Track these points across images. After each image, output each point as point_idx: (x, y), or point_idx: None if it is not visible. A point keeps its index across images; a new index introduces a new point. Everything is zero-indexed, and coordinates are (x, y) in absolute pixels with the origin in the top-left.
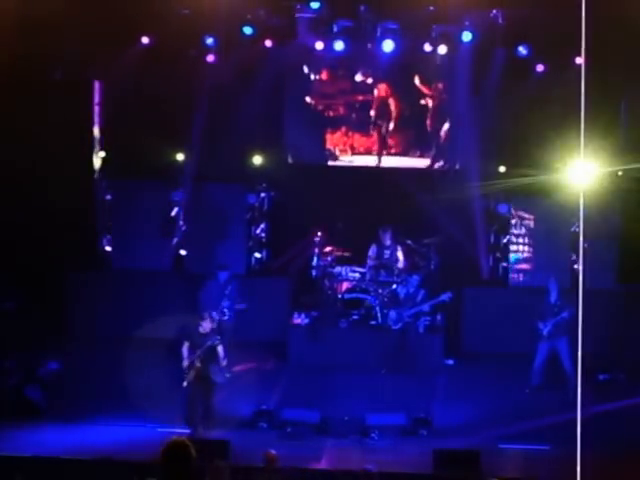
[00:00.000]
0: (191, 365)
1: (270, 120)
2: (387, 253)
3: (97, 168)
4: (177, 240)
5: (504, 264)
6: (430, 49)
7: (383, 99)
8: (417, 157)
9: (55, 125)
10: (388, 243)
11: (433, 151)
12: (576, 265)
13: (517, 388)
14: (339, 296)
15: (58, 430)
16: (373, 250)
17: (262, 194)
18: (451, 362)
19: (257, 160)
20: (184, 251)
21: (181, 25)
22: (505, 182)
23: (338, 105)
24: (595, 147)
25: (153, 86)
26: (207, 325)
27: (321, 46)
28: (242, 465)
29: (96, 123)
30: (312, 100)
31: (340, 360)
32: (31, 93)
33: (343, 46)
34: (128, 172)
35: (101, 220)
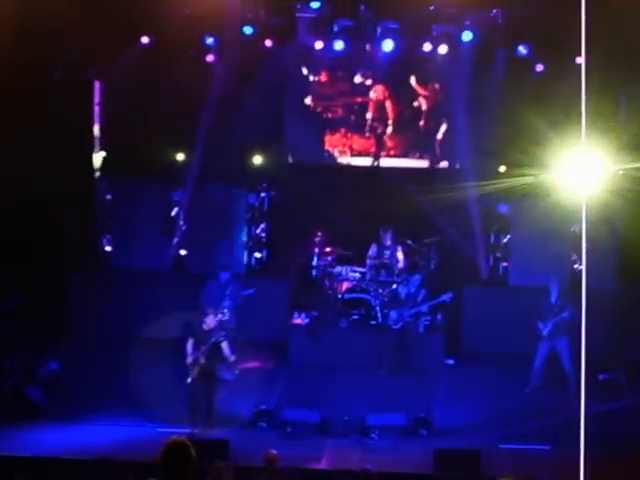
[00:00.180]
0: (195, 362)
1: (270, 120)
2: (387, 253)
3: (97, 168)
4: (177, 240)
5: (504, 264)
6: (430, 49)
7: (381, 101)
8: (417, 159)
9: (55, 125)
10: (388, 243)
11: (433, 151)
12: (576, 265)
13: (517, 388)
14: (339, 296)
15: (58, 430)
16: (373, 250)
17: (262, 194)
18: (451, 362)
19: (257, 160)
20: (184, 251)
21: (181, 25)
22: (505, 182)
23: (337, 107)
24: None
25: (153, 86)
26: (211, 321)
27: (321, 46)
28: (242, 465)
29: (96, 123)
30: (311, 102)
31: (340, 360)
32: (31, 93)
33: (343, 46)
34: (128, 172)
35: (101, 220)
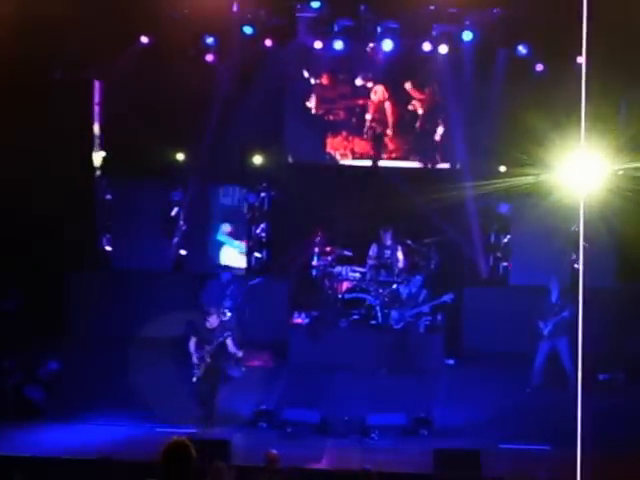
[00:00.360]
0: (201, 360)
1: (270, 120)
2: (388, 253)
3: (97, 168)
4: (177, 240)
5: (504, 264)
6: (430, 49)
7: (381, 102)
8: (417, 161)
9: (55, 125)
10: (389, 243)
11: (433, 153)
12: (576, 264)
13: (517, 388)
14: (339, 296)
15: (58, 430)
16: (374, 250)
17: (262, 194)
18: (451, 362)
19: (257, 160)
20: (184, 251)
21: (181, 25)
22: (505, 182)
23: (339, 109)
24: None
25: (153, 86)
26: (214, 320)
27: (321, 46)
28: (242, 465)
29: (96, 123)
30: (312, 104)
31: (340, 360)
32: (31, 93)
33: (343, 45)
34: (128, 172)
35: (101, 220)
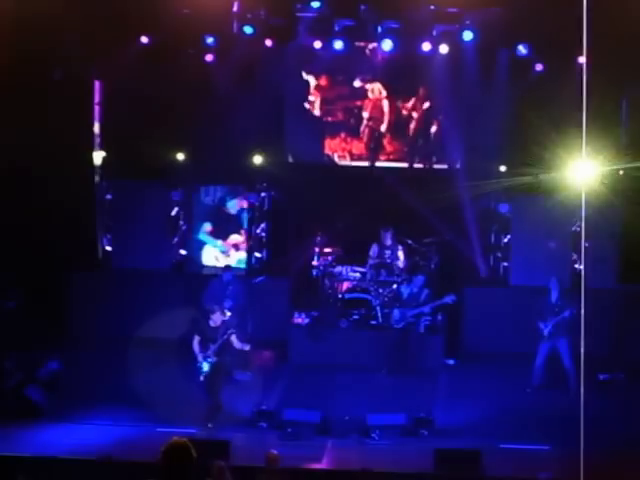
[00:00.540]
0: (206, 359)
1: (270, 120)
2: (388, 253)
3: (97, 168)
4: (177, 240)
5: (504, 264)
6: (431, 49)
7: (378, 100)
8: (417, 162)
9: (55, 125)
10: (389, 243)
11: (432, 152)
12: (577, 264)
13: (517, 388)
14: (339, 296)
15: (58, 430)
16: (374, 250)
17: (262, 194)
18: (452, 362)
19: (257, 160)
20: (184, 251)
21: (181, 25)
22: (505, 182)
23: (337, 111)
24: (596, 146)
25: (153, 86)
26: (218, 318)
27: (321, 45)
28: (242, 465)
29: (96, 123)
30: (311, 106)
31: (341, 360)
32: (32, 93)
33: (342, 45)
34: (128, 172)
35: (101, 220)
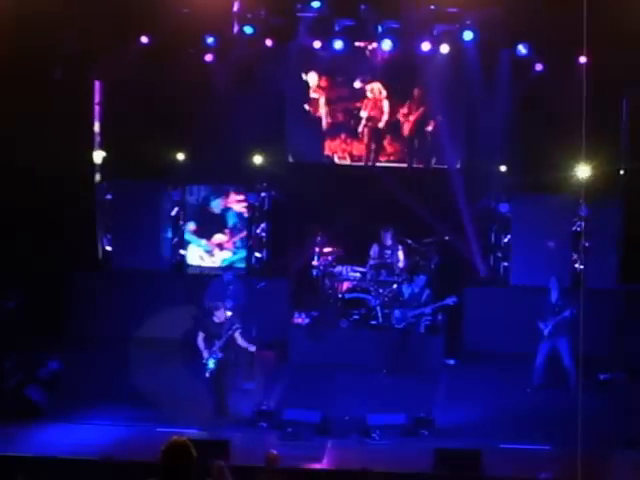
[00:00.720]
0: (212, 356)
1: (270, 119)
2: (388, 253)
3: (97, 168)
4: (177, 240)
5: (505, 264)
6: (431, 48)
7: (378, 100)
8: (416, 162)
9: (55, 125)
10: (389, 243)
11: (432, 152)
12: (577, 265)
13: (518, 388)
14: (340, 296)
15: (58, 430)
16: (374, 250)
17: (262, 194)
18: (452, 362)
19: (257, 160)
20: (184, 251)
21: (181, 25)
22: (505, 182)
23: (337, 112)
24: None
25: (153, 86)
26: (221, 314)
27: (321, 45)
28: (242, 465)
29: (96, 123)
30: (311, 107)
31: (341, 360)
32: (31, 93)
33: (342, 45)
34: (128, 172)
35: (101, 220)
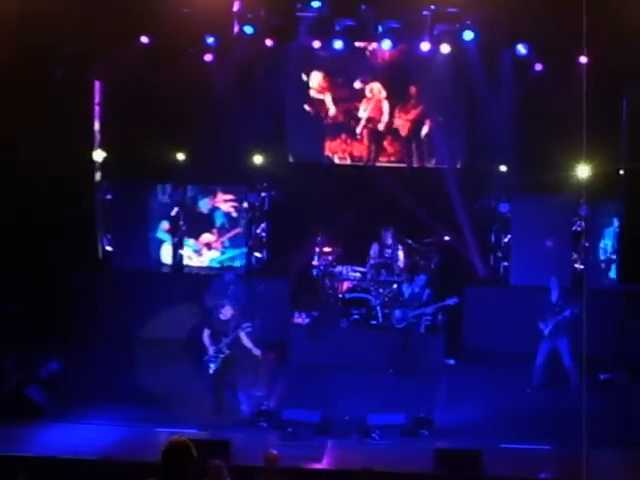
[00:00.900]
0: (218, 353)
1: (270, 119)
2: (388, 252)
3: (97, 168)
4: (177, 240)
5: (504, 264)
6: (431, 48)
7: (377, 100)
8: (416, 163)
9: (56, 125)
10: (389, 242)
11: (432, 152)
12: (577, 264)
13: (518, 388)
14: (340, 296)
15: (59, 430)
16: (374, 249)
17: (263, 194)
18: (452, 362)
19: (258, 160)
20: (184, 251)
21: (181, 25)
22: (505, 182)
23: (337, 112)
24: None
25: (153, 86)
26: (228, 312)
27: (321, 45)
28: (242, 465)
29: (96, 123)
30: (310, 108)
31: (341, 360)
32: (32, 93)
33: (342, 45)
34: (128, 172)
35: (101, 220)
